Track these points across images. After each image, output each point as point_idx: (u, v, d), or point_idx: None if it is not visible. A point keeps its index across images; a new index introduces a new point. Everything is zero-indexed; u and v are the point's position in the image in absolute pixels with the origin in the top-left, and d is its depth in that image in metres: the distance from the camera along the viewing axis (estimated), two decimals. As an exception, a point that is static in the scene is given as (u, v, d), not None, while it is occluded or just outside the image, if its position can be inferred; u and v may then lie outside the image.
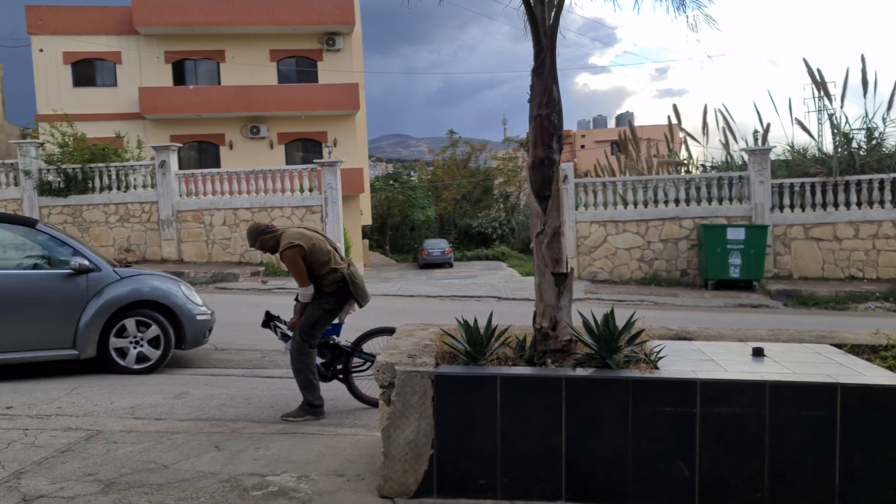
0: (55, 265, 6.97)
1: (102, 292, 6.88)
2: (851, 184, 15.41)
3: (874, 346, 4.13)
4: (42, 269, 6.98)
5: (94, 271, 6.92)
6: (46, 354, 6.74)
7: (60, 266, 6.92)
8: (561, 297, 3.78)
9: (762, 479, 3.32)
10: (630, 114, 55.57)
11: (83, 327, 6.75)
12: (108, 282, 6.94)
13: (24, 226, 7.20)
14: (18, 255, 7.15)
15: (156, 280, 7.35)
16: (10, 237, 7.18)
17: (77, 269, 6.83)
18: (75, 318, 6.74)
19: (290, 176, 17.94)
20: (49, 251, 7.08)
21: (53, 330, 6.71)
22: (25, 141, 18.81)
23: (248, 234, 5.51)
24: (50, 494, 3.59)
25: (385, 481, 3.52)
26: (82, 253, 7.00)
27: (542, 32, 3.81)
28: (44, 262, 7.05)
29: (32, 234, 7.09)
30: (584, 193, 16.65)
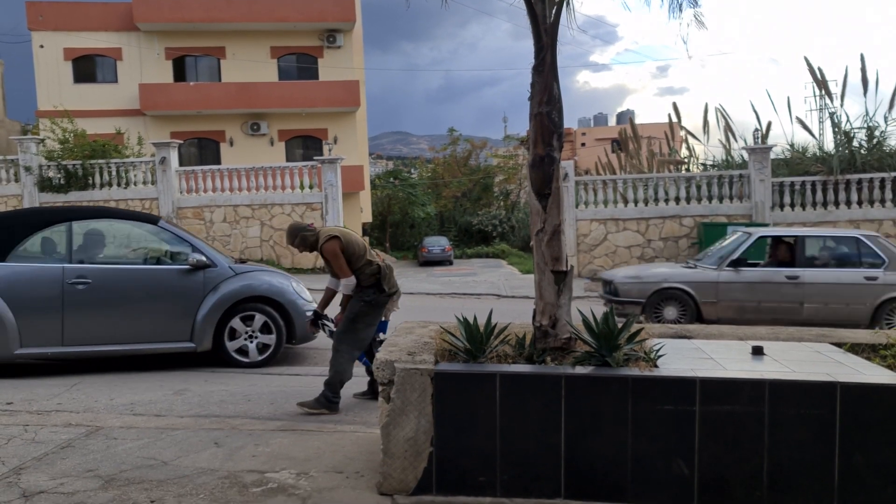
0: (175, 261, 7.23)
1: (218, 287, 7.09)
2: (852, 182, 15.40)
3: (874, 345, 4.13)
4: (163, 264, 7.25)
5: (210, 267, 7.12)
6: (166, 347, 7.00)
7: (180, 262, 7.16)
8: (561, 295, 3.78)
9: (761, 478, 3.32)
10: (631, 112, 55.60)
11: (200, 321, 6.97)
12: (223, 277, 7.14)
13: (147, 223, 7.50)
14: (142, 250, 7.47)
15: (269, 276, 7.54)
16: (134, 233, 7.50)
17: (195, 266, 7.06)
18: (193, 312, 6.98)
19: (291, 173, 17.95)
20: (169, 247, 7.34)
21: (172, 323, 6.97)
22: (26, 137, 18.83)
23: (289, 232, 5.66)
24: (50, 490, 3.60)
25: (384, 478, 3.53)
26: (200, 249, 7.24)
27: (543, 30, 3.81)
28: (165, 258, 7.32)
29: (155, 231, 7.42)
30: (584, 191, 16.65)
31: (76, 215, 7.33)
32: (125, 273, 7.05)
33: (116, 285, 6.90)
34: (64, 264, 6.83)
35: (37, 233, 7.03)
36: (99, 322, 6.76)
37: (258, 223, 17.61)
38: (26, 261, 6.83)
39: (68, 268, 6.79)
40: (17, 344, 6.56)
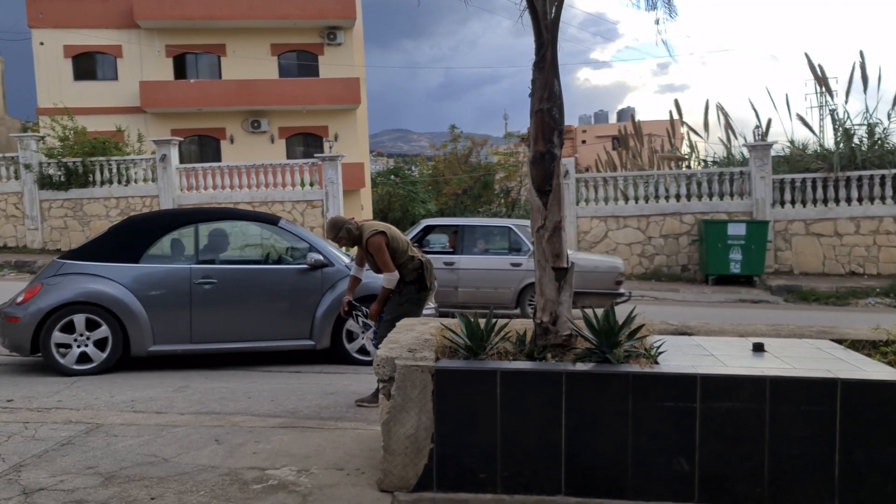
0: (295, 260, 7.37)
1: (336, 286, 7.14)
2: (852, 179, 15.38)
3: (874, 342, 4.13)
4: (283, 263, 7.40)
5: (328, 266, 7.20)
6: (287, 344, 7.15)
7: (299, 261, 7.28)
8: (561, 291, 3.77)
9: (762, 474, 3.32)
10: (631, 109, 55.50)
11: (319, 319, 7.07)
12: (340, 276, 7.18)
13: (268, 223, 7.67)
14: (263, 250, 7.66)
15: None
16: (256, 233, 7.69)
17: (313, 265, 7.15)
18: (312, 311, 7.08)
19: (291, 170, 17.92)
20: (289, 246, 7.51)
21: (292, 321, 7.11)
22: (26, 134, 18.80)
23: (332, 225, 5.75)
24: (50, 487, 3.60)
25: (385, 475, 3.53)
26: (318, 248, 7.35)
27: (544, 27, 3.80)
28: (285, 257, 7.48)
29: (275, 231, 7.60)
30: (584, 188, 16.63)
31: (202, 217, 7.71)
32: (248, 273, 7.26)
33: (240, 285, 7.09)
34: (191, 265, 7.09)
35: (166, 235, 7.31)
36: (224, 320, 6.96)
37: (258, 220, 17.58)
38: (157, 262, 7.13)
39: (195, 268, 7.04)
40: (150, 341, 6.80)
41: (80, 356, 6.64)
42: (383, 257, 5.46)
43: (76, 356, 6.62)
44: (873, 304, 12.94)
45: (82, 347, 6.64)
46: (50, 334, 6.55)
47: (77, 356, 6.62)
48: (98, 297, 6.68)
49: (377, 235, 5.50)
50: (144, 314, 6.74)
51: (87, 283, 6.76)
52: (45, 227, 17.88)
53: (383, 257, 5.46)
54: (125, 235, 7.34)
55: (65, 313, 6.61)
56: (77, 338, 6.64)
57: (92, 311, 6.66)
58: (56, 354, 6.58)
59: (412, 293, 5.65)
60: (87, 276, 6.82)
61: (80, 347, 6.64)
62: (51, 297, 6.66)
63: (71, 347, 6.62)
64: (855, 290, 13.53)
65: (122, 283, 6.80)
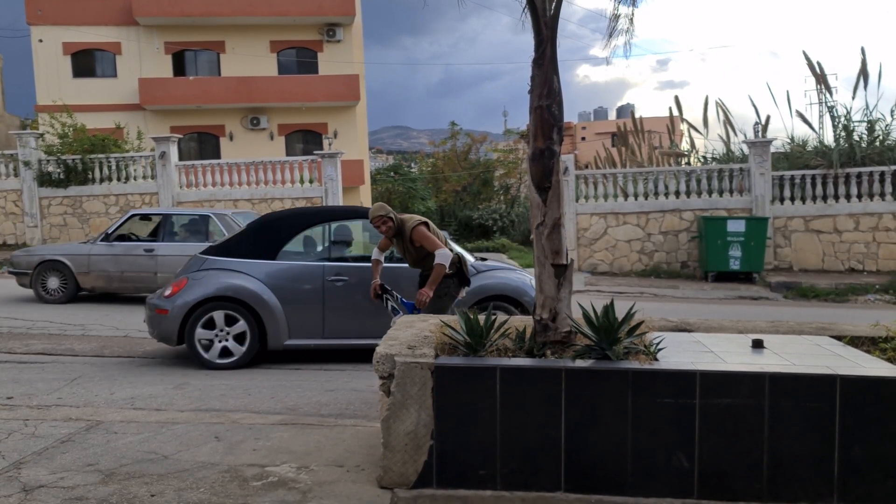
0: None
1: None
2: (852, 176, 15.38)
3: (874, 338, 4.13)
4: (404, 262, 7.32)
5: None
6: None
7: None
8: (561, 288, 3.77)
9: (761, 470, 3.32)
10: (631, 105, 55.44)
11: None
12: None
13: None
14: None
15: (510, 274, 7.56)
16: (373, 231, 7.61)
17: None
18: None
19: (291, 167, 17.92)
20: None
21: None
22: (25, 132, 18.78)
23: (381, 208, 5.81)
24: (50, 484, 3.60)
25: (385, 472, 3.53)
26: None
27: (543, 23, 3.79)
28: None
29: None
30: (584, 185, 16.62)
31: (332, 215, 7.87)
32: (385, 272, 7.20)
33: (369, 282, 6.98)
34: (324, 262, 7.22)
35: (300, 232, 7.50)
36: (353, 316, 7.02)
37: (258, 218, 17.59)
38: (291, 259, 7.32)
39: (328, 266, 7.17)
40: (286, 335, 6.97)
41: (222, 350, 6.88)
42: (430, 241, 5.58)
43: (219, 351, 6.87)
44: (872, 300, 12.94)
45: (223, 342, 6.88)
46: (195, 327, 6.83)
47: (219, 351, 6.87)
48: (238, 292, 6.89)
49: (421, 225, 5.65)
50: (280, 309, 6.91)
51: (228, 279, 6.98)
52: (45, 224, 17.87)
53: (430, 241, 5.58)
54: (262, 233, 7.47)
55: (209, 308, 6.86)
56: (218, 333, 6.88)
57: (232, 306, 6.87)
58: (199, 347, 6.85)
59: (452, 287, 5.76)
60: (228, 272, 7.04)
61: (221, 342, 6.88)
62: (196, 291, 6.91)
63: (213, 342, 6.88)
64: (854, 286, 13.53)
65: (259, 279, 6.96)
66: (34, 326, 8.77)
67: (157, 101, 24.98)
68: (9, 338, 8.12)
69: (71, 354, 7.33)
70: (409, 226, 5.70)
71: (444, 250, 5.57)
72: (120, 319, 9.30)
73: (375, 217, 5.78)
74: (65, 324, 8.95)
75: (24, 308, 10.22)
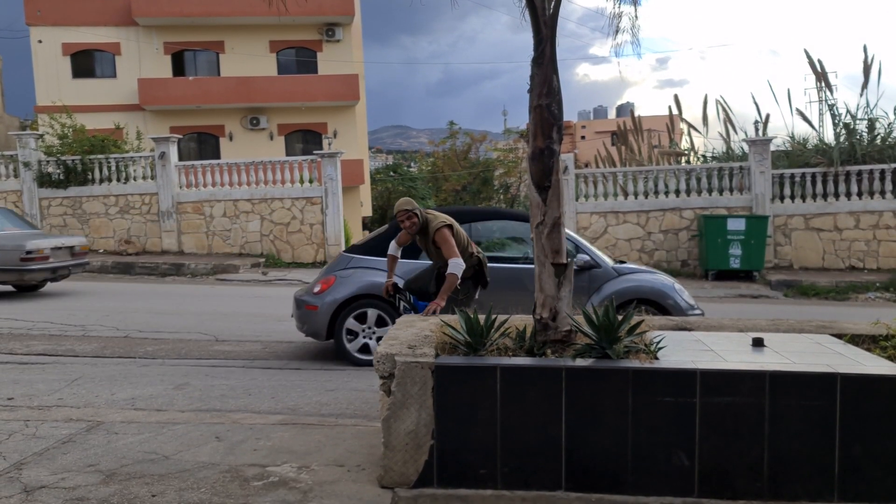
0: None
1: (602, 289, 7.11)
2: (852, 174, 15.38)
3: (874, 336, 4.13)
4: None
5: (595, 268, 7.17)
6: None
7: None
8: (561, 287, 3.77)
9: (762, 469, 3.33)
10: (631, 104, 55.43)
11: None
12: (607, 278, 7.15)
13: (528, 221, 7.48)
14: (526, 248, 7.60)
15: (651, 277, 7.49)
16: (523, 233, 7.67)
17: (581, 266, 7.10)
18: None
19: (291, 167, 17.91)
20: None
21: None
22: (25, 132, 18.77)
23: (407, 202, 5.79)
24: (51, 485, 3.60)
25: (385, 472, 3.53)
26: (585, 249, 7.30)
27: (542, 22, 3.79)
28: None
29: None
30: (584, 184, 16.62)
31: (474, 216, 7.94)
32: (519, 272, 7.22)
33: (508, 284, 7.04)
34: None
35: None
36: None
37: (258, 217, 17.59)
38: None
39: None
40: None
41: (362, 347, 7.00)
42: (448, 245, 5.54)
43: (359, 346, 7.01)
44: (873, 298, 12.94)
45: (367, 339, 7.03)
46: (343, 323, 6.99)
47: (360, 346, 7.01)
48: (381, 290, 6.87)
49: (445, 227, 5.61)
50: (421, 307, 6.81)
51: (372, 277, 7.09)
52: (45, 225, 17.85)
53: (448, 245, 5.54)
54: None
55: (356, 306, 7.02)
56: (365, 329, 7.05)
57: (382, 305, 6.94)
58: (345, 342, 7.02)
59: (469, 288, 5.77)
60: (372, 270, 7.16)
61: (365, 339, 7.02)
62: (343, 289, 7.10)
63: (357, 336, 7.03)
64: (855, 284, 13.53)
65: (403, 278, 6.88)
66: (35, 327, 8.77)
67: (157, 102, 24.97)
68: (9, 339, 8.12)
69: (71, 355, 7.33)
70: (434, 226, 5.66)
71: (458, 260, 5.49)
72: (120, 320, 9.31)
73: (401, 211, 5.74)
74: (65, 325, 8.95)
75: (24, 309, 10.22)
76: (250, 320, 9.57)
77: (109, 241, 17.69)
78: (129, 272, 15.91)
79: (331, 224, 17.52)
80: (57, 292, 12.36)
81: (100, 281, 14.77)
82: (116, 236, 17.70)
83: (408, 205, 5.75)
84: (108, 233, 17.75)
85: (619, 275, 7.18)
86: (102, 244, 17.71)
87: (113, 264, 16.12)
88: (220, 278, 15.27)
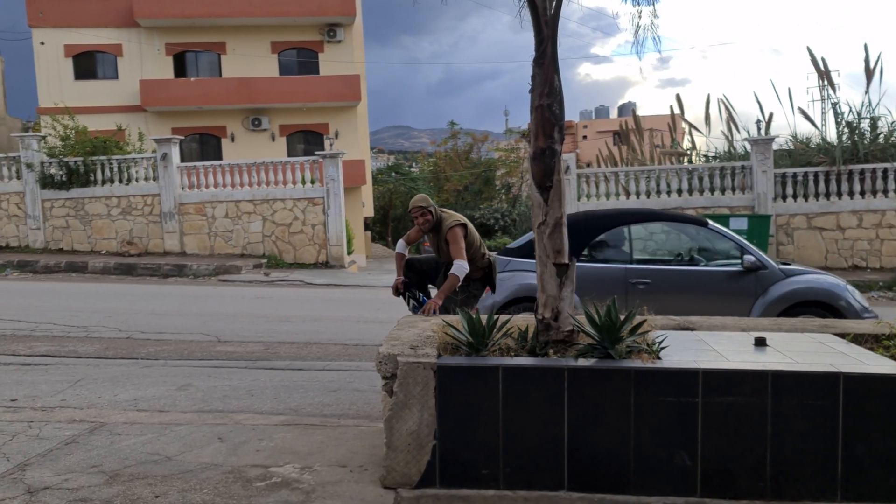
0: (726, 263, 7.18)
1: (768, 291, 6.94)
2: (855, 173, 15.36)
3: (877, 336, 4.13)
4: (714, 266, 7.20)
5: (762, 269, 7.01)
6: None
7: (731, 264, 7.11)
8: (563, 287, 3.77)
9: (764, 469, 3.32)
10: (632, 104, 55.46)
11: None
12: (774, 280, 6.98)
13: (696, 224, 7.57)
14: (693, 251, 7.51)
15: (820, 277, 7.30)
16: (686, 235, 7.61)
17: (748, 268, 6.96)
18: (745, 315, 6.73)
19: (292, 168, 17.92)
20: (720, 249, 7.36)
21: None
22: (27, 134, 18.82)
23: (422, 199, 5.75)
24: (54, 486, 3.61)
25: (388, 472, 3.53)
26: (750, 251, 7.13)
27: (544, 22, 3.79)
28: (716, 260, 7.30)
29: (704, 233, 7.48)
30: (586, 184, 16.61)
31: (633, 218, 7.75)
32: (681, 275, 7.12)
33: (673, 287, 6.96)
34: (626, 265, 7.14)
35: (600, 235, 7.37)
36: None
37: (260, 218, 17.61)
38: (593, 261, 7.23)
39: (630, 268, 7.09)
40: None
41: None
42: (457, 245, 5.50)
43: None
44: (876, 297, 12.92)
45: None
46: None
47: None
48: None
49: (459, 227, 5.58)
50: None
51: (530, 280, 6.87)
52: (47, 226, 17.90)
53: (457, 245, 5.50)
54: None
55: (515, 309, 6.79)
56: None
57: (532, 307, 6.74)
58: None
59: (478, 289, 5.77)
60: (530, 273, 6.94)
61: None
62: (503, 291, 6.89)
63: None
64: (857, 283, 13.46)
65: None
66: (38, 329, 8.78)
67: (159, 103, 25.01)
68: (12, 340, 8.13)
69: (74, 356, 7.34)
70: (447, 224, 5.63)
71: (462, 262, 5.45)
72: (123, 321, 9.32)
73: (415, 208, 5.74)
74: (68, 326, 8.96)
75: (27, 310, 10.24)
76: (252, 321, 9.58)
77: (112, 242, 17.72)
78: (132, 273, 15.94)
79: (332, 225, 17.53)
80: (59, 293, 12.38)
81: (102, 282, 14.80)
82: (119, 237, 17.73)
83: (422, 202, 5.73)
84: (111, 234, 17.78)
85: (786, 276, 6.99)
86: (105, 245, 17.75)
87: (115, 265, 16.15)
88: (222, 279, 15.29)
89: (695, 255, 7.49)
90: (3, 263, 16.14)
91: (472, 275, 5.65)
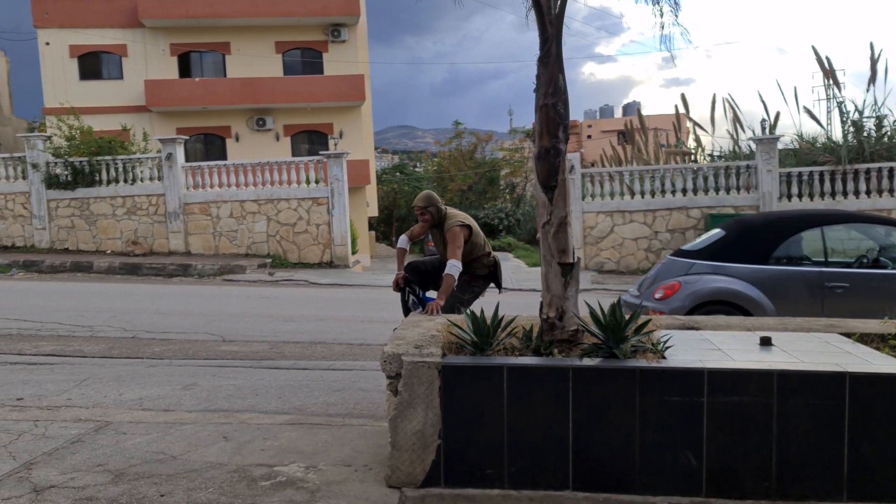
0: None
1: None
2: (860, 172, 15.32)
3: (883, 335, 4.11)
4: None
5: None
6: None
7: None
8: (567, 287, 3.77)
9: (770, 468, 3.31)
10: (637, 103, 55.39)
11: None
12: None
13: (889, 226, 7.47)
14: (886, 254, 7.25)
15: None
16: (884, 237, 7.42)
17: None
18: None
19: (297, 168, 17.95)
20: None
21: None
22: (33, 134, 18.89)
23: (428, 196, 5.74)
24: (60, 485, 3.62)
25: (392, 471, 3.54)
26: None
27: (548, 21, 3.78)
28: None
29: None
30: (590, 184, 16.60)
31: (826, 219, 7.56)
32: (886, 279, 6.88)
33: (876, 291, 6.76)
34: (821, 268, 6.95)
35: (792, 237, 7.20)
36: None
37: (264, 218, 17.65)
38: (785, 264, 7.06)
39: (826, 272, 6.89)
40: None
41: None
42: (454, 247, 5.48)
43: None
44: None
45: None
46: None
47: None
48: (734, 297, 6.71)
49: (459, 226, 5.55)
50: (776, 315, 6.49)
51: (720, 283, 6.86)
52: (53, 226, 17.96)
53: (454, 247, 5.48)
54: (749, 237, 7.26)
55: (704, 312, 6.63)
56: None
57: (725, 310, 6.62)
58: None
59: (481, 286, 5.80)
60: (718, 276, 6.92)
61: None
62: (693, 294, 6.84)
63: None
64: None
65: (752, 283, 6.75)
66: (43, 328, 8.81)
67: (163, 103, 25.07)
68: (18, 339, 8.16)
69: (80, 356, 7.36)
70: (450, 223, 5.63)
71: (455, 262, 5.42)
72: (128, 321, 9.35)
73: (415, 206, 5.80)
74: (73, 325, 8.99)
75: (33, 310, 10.27)
76: (257, 321, 9.59)
77: (117, 242, 17.77)
78: (137, 273, 15.98)
79: (337, 224, 17.55)
80: (65, 293, 12.42)
81: (107, 282, 14.84)
82: (124, 237, 17.77)
83: (421, 201, 5.74)
84: (116, 234, 17.82)
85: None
86: (110, 245, 17.80)
87: (120, 265, 16.19)
88: (226, 279, 15.31)
89: (882, 257, 7.22)
90: (8, 263, 16.20)
91: (477, 271, 5.67)
